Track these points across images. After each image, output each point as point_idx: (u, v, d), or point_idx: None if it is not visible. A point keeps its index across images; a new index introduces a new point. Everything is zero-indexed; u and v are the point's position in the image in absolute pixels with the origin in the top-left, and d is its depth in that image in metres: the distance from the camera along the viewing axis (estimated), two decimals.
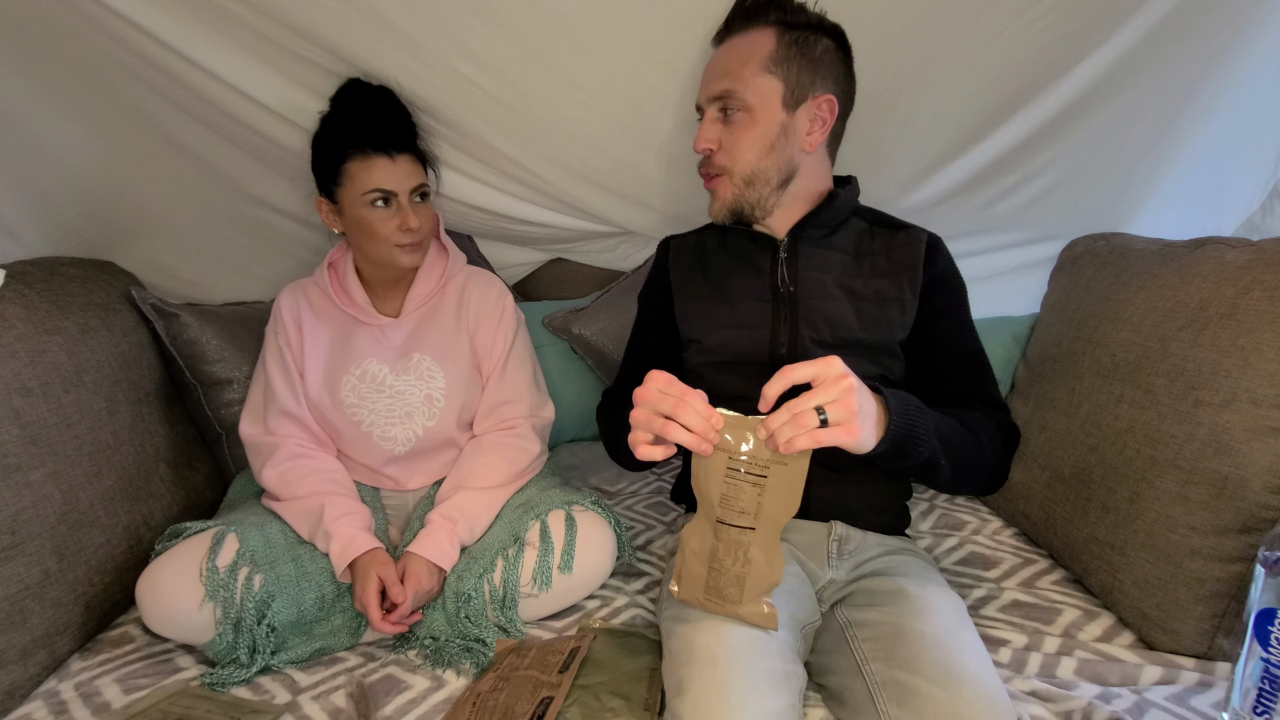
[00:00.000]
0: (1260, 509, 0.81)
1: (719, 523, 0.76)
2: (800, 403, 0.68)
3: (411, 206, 1.08)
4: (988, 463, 0.88)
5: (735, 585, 0.77)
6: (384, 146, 1.06)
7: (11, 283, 1.05)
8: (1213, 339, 0.87)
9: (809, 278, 0.96)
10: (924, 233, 0.98)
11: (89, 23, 0.98)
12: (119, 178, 1.21)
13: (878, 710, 0.73)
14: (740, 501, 0.74)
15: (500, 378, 1.17)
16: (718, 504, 0.75)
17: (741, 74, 0.91)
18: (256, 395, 1.15)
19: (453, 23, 1.03)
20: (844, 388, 0.69)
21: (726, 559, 0.76)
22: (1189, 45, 1.11)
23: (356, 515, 1.04)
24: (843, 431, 0.68)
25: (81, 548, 1.01)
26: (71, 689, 0.91)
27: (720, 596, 0.78)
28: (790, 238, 0.97)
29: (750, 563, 0.76)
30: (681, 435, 0.71)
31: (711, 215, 0.99)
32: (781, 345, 0.95)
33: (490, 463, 1.12)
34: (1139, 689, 0.81)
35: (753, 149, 0.93)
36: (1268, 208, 1.38)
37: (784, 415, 0.68)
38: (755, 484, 0.73)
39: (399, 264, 1.11)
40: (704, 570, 0.78)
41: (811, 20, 0.93)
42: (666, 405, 0.72)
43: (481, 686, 0.84)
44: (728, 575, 0.77)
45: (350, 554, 0.98)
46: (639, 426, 0.75)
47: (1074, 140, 1.25)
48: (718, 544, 0.77)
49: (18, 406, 0.96)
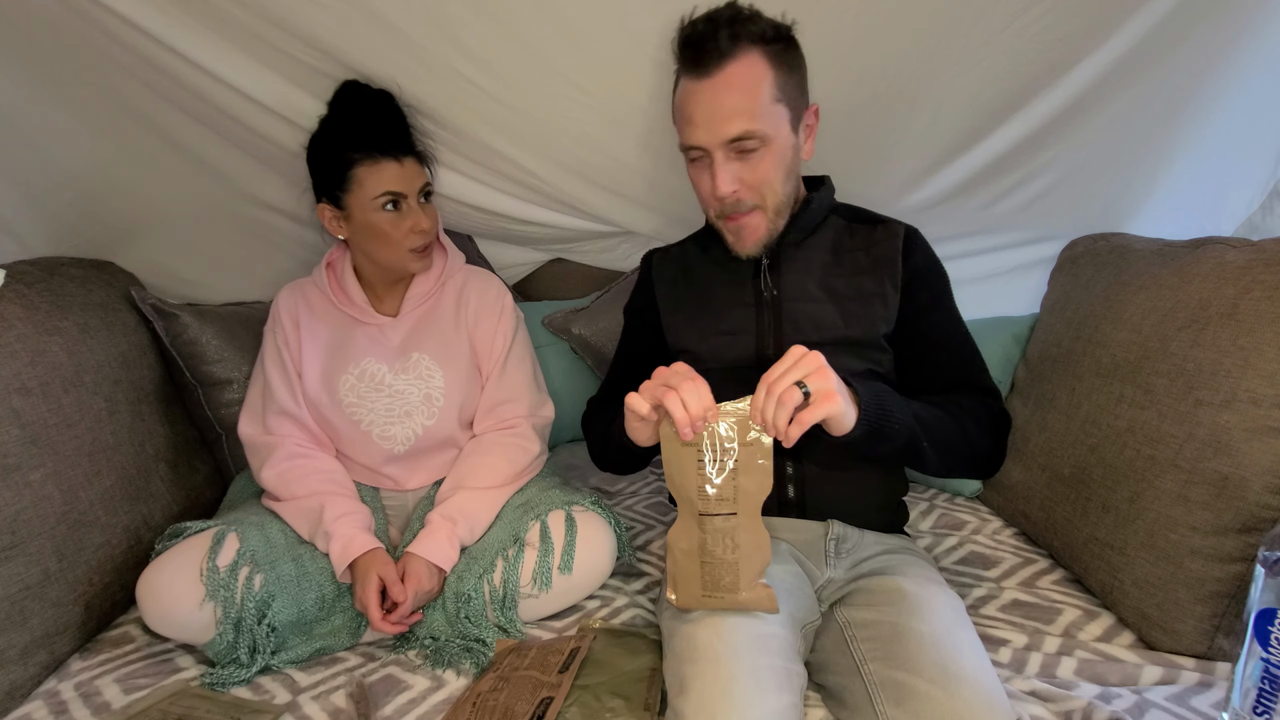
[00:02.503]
0: (1260, 509, 0.81)
1: (701, 515, 0.78)
2: (779, 381, 0.72)
3: (420, 207, 1.09)
4: (976, 446, 0.89)
5: (730, 573, 0.78)
6: (390, 150, 1.06)
7: (11, 283, 1.05)
8: (1213, 339, 0.87)
9: (791, 281, 0.96)
10: (901, 226, 0.98)
11: (89, 23, 0.98)
12: (119, 178, 1.21)
13: (876, 710, 0.73)
14: (718, 488, 0.77)
15: (500, 377, 1.17)
16: (696, 497, 0.77)
17: (755, 110, 0.86)
18: (255, 395, 1.15)
19: (452, 23, 1.03)
20: (816, 362, 0.74)
21: (716, 549, 0.78)
22: (1189, 45, 1.11)
23: (356, 515, 1.04)
24: (825, 401, 0.72)
25: (81, 548, 1.01)
26: (71, 689, 0.91)
27: (718, 589, 0.79)
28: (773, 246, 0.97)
29: (739, 547, 0.78)
30: (677, 408, 0.74)
31: (744, 252, 0.94)
32: (768, 349, 0.95)
33: (490, 462, 1.12)
34: (1139, 689, 0.81)
35: (779, 179, 0.90)
36: (1268, 208, 1.38)
37: (762, 391, 0.73)
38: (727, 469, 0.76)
39: (409, 270, 1.13)
40: (697, 567, 0.80)
41: (782, 31, 0.89)
42: (676, 380, 0.76)
43: (481, 686, 0.84)
44: (721, 565, 0.78)
45: (350, 554, 0.98)
46: (645, 392, 0.78)
47: (1074, 140, 1.25)
48: (704, 536, 0.78)
49: (18, 406, 0.96)
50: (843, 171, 1.04)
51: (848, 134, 1.17)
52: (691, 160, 0.93)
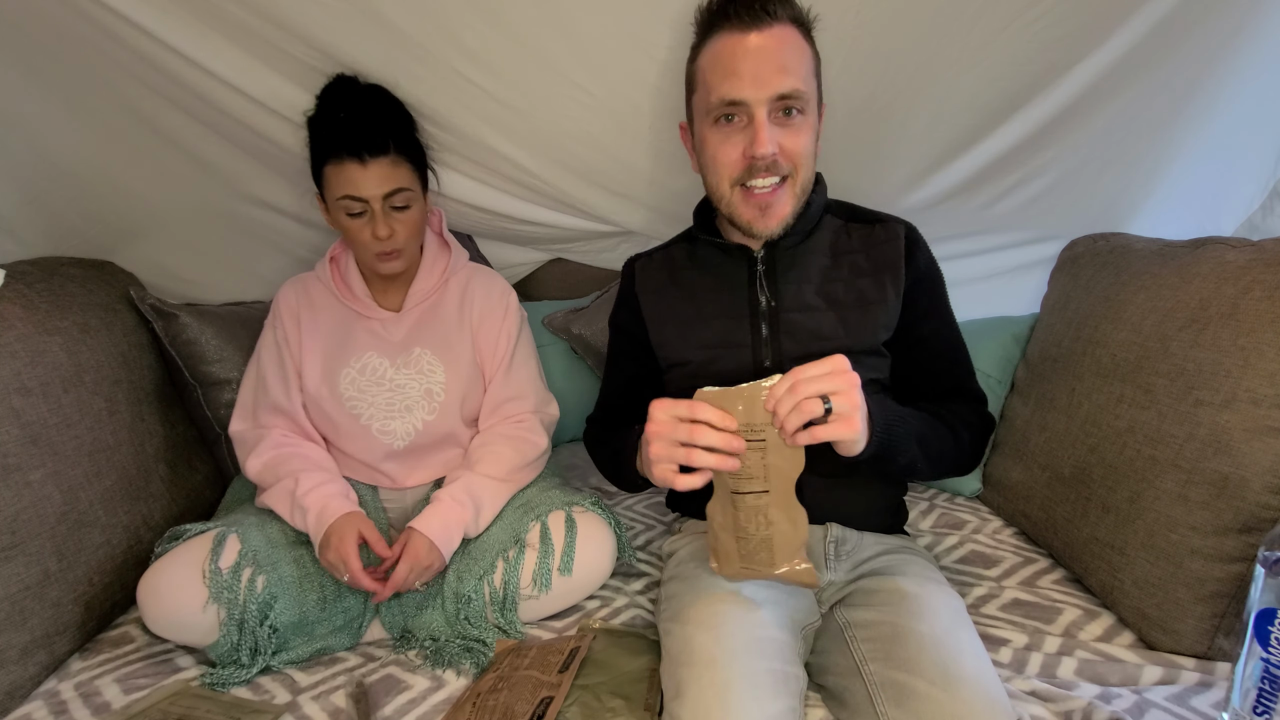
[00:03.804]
0: (1260, 509, 0.81)
1: (734, 494, 0.76)
2: (806, 385, 0.69)
3: (385, 214, 1.05)
4: (964, 454, 0.92)
5: (765, 550, 0.77)
6: (356, 151, 1.01)
7: (11, 283, 1.05)
8: (1213, 339, 0.87)
9: (789, 290, 0.93)
10: (900, 225, 0.96)
11: (90, 23, 0.98)
12: (119, 178, 1.21)
13: (876, 711, 0.73)
14: (747, 468, 0.74)
15: (505, 375, 1.17)
16: (728, 475, 0.75)
17: (800, 73, 0.83)
18: (247, 393, 1.14)
19: (452, 22, 1.03)
20: (851, 382, 0.71)
21: (749, 526, 0.77)
22: (1189, 45, 1.11)
23: (329, 484, 1.03)
24: (844, 425, 0.70)
25: (81, 548, 1.01)
26: (71, 689, 0.91)
27: (755, 563, 0.78)
28: (767, 248, 0.93)
29: (772, 524, 0.76)
30: (707, 459, 0.72)
31: (765, 232, 0.89)
32: (765, 362, 0.92)
33: (498, 451, 1.11)
34: (1139, 689, 0.81)
35: (809, 157, 0.87)
36: (1268, 208, 1.38)
37: (785, 384, 0.70)
38: (757, 448, 0.74)
39: (377, 271, 1.11)
40: (734, 542, 0.79)
41: (809, 21, 0.89)
42: (683, 433, 0.73)
43: (481, 686, 0.84)
44: (755, 541, 0.77)
45: (326, 520, 0.97)
46: (661, 460, 0.74)
47: (1074, 140, 1.25)
48: (738, 514, 0.77)
49: (18, 406, 0.96)
50: (842, 171, 1.04)
51: (848, 134, 1.16)
52: (718, 121, 0.85)
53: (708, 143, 0.88)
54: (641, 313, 1.01)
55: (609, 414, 1.07)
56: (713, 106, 0.85)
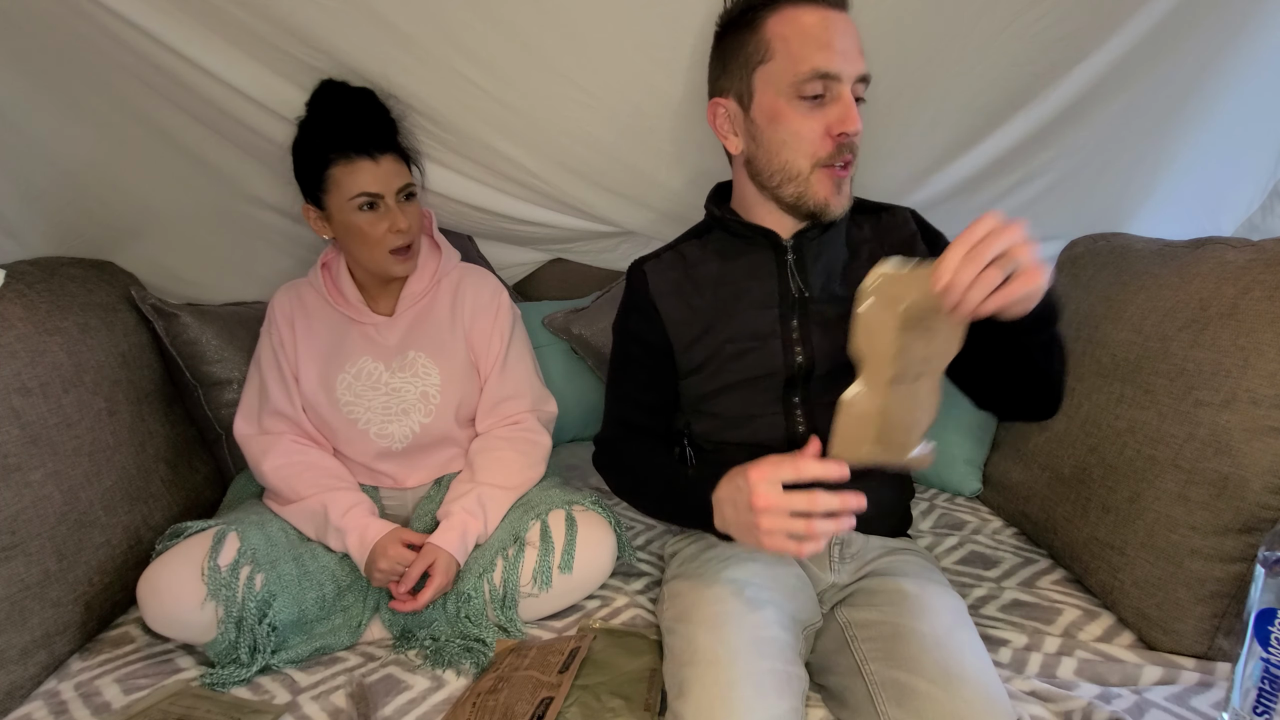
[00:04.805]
0: (1260, 509, 0.81)
1: (893, 381, 0.73)
2: (981, 248, 0.64)
3: (399, 207, 1.08)
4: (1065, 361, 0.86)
5: (903, 433, 0.75)
6: (366, 148, 1.04)
7: (11, 283, 1.05)
8: (1213, 339, 0.87)
9: (818, 281, 0.91)
10: (903, 209, 0.96)
11: (89, 22, 0.98)
12: (119, 178, 1.21)
13: (877, 710, 0.73)
14: (912, 353, 0.72)
15: (501, 374, 1.17)
16: (891, 362, 0.72)
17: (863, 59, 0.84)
18: (251, 395, 1.15)
19: (452, 22, 1.03)
20: (1019, 229, 0.65)
21: (898, 411, 0.74)
22: (1189, 45, 1.11)
23: (361, 505, 1.05)
24: (1030, 278, 0.65)
25: (81, 548, 1.01)
26: (71, 689, 0.91)
27: (889, 446, 0.75)
28: (796, 237, 0.92)
29: (920, 407, 0.75)
30: (829, 527, 0.70)
31: (837, 212, 0.87)
32: (797, 355, 0.90)
33: (502, 457, 1.12)
34: (1139, 689, 0.81)
35: None
36: (1268, 208, 1.38)
37: (958, 253, 0.64)
38: (924, 334, 0.71)
39: (391, 273, 1.11)
40: (872, 430, 0.75)
41: None
42: (800, 503, 0.71)
43: (481, 686, 0.84)
44: (899, 427, 0.75)
45: (369, 541, 0.99)
46: (776, 534, 0.72)
47: (1074, 140, 1.25)
48: (889, 400, 0.74)
49: (18, 406, 0.96)
50: None
51: None
52: (805, 97, 0.82)
53: (786, 117, 0.84)
54: (660, 317, 0.96)
55: (625, 431, 1.02)
56: (802, 76, 0.81)
